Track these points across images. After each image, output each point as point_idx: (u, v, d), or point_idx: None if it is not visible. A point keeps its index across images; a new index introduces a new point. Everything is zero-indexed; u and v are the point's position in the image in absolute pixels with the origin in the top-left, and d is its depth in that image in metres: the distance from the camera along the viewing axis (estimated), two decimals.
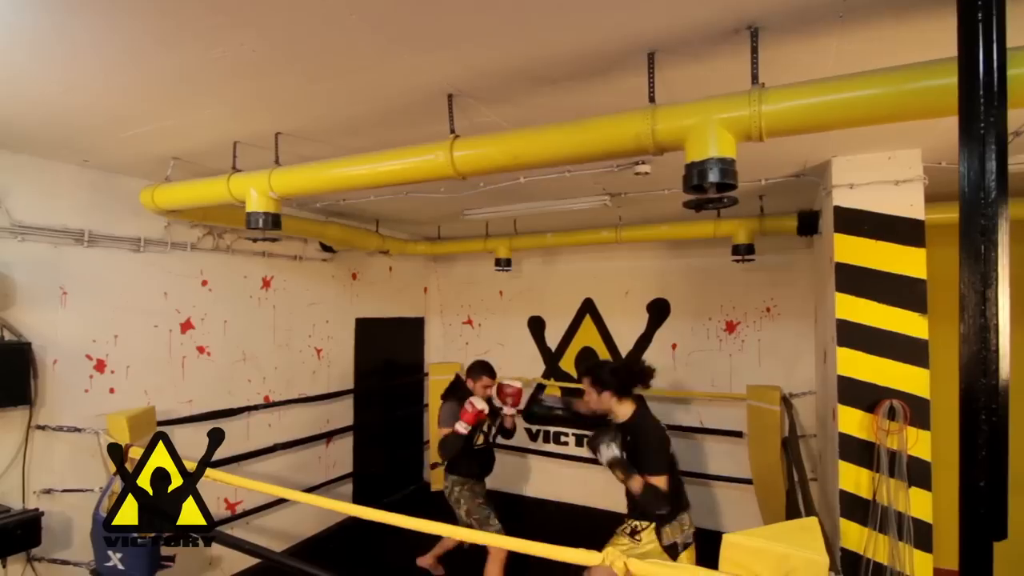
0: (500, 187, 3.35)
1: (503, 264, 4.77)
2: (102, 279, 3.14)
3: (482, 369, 3.57)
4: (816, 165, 3.03)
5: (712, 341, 4.69)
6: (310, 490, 4.32)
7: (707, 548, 1.49)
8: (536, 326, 5.48)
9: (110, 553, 2.68)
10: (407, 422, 5.63)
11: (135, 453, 2.73)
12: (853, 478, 2.78)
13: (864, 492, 2.77)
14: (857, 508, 2.75)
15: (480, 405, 3.26)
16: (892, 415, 2.69)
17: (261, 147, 2.61)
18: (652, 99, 1.72)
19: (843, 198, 2.84)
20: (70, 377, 2.99)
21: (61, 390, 2.94)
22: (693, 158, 1.59)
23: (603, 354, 5.12)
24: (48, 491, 2.88)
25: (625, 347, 5.04)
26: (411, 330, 5.75)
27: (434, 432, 5.45)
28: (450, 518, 3.42)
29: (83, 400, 3.03)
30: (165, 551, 2.80)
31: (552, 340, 5.38)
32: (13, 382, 2.65)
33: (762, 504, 3.98)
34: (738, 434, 4.38)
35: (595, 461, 2.93)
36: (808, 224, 3.55)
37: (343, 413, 4.79)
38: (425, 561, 3.88)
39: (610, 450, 2.73)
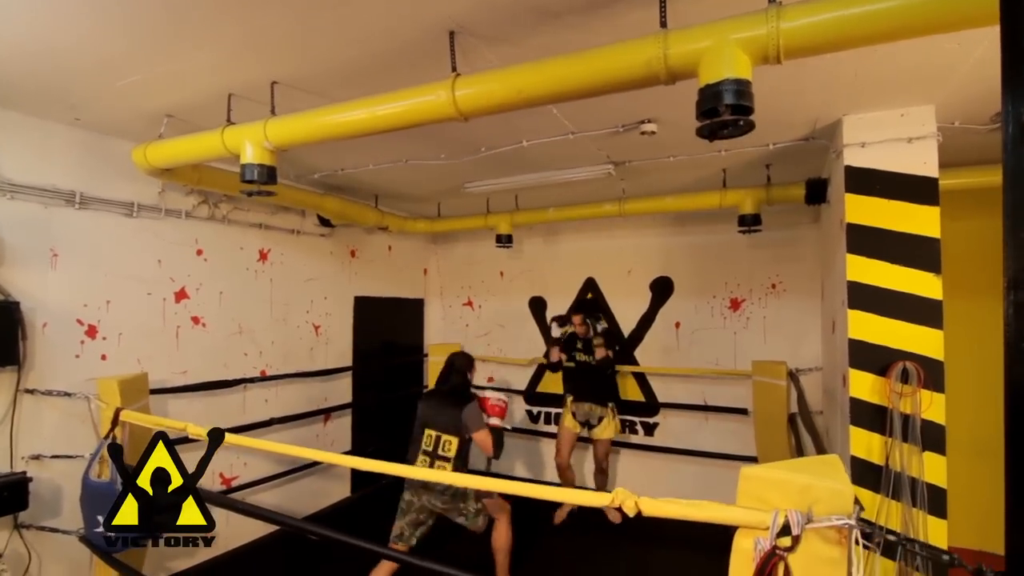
0: (502, 151, 3.28)
1: (504, 241, 4.69)
2: (94, 242, 3.06)
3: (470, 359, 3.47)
4: (826, 126, 2.95)
5: (716, 319, 4.62)
6: (308, 467, 4.25)
7: (708, 533, 1.41)
8: (537, 307, 5.40)
9: (99, 519, 2.61)
10: (407, 403, 5.54)
11: (127, 417, 2.66)
12: (865, 444, 2.70)
13: (876, 458, 2.69)
14: (869, 474, 2.68)
15: (497, 396, 3.26)
16: (905, 378, 2.61)
17: (257, 101, 2.52)
18: (664, 24, 1.64)
19: (854, 157, 2.77)
20: (60, 341, 2.91)
21: (51, 354, 2.86)
22: (707, 80, 1.51)
23: None
24: (37, 457, 2.80)
25: (628, 326, 4.96)
26: (411, 311, 5.67)
27: None
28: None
29: (74, 365, 2.95)
30: None
31: None
32: (1, 342, 2.58)
33: None
34: (743, 411, 4.30)
35: None
36: (816, 192, 3.47)
37: (342, 391, 4.71)
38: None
39: (602, 323, 3.94)
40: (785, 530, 1.28)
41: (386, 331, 5.29)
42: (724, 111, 1.50)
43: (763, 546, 1.29)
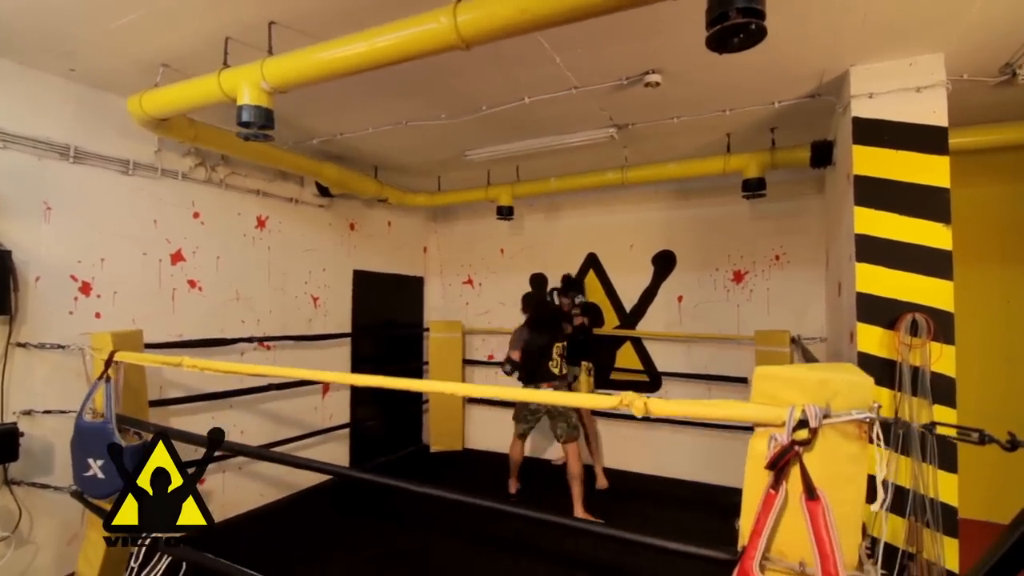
0: (503, 110, 3.24)
1: (505, 213, 4.65)
2: (88, 198, 3.01)
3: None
4: (833, 79, 2.91)
5: (719, 292, 4.57)
6: (306, 436, 4.20)
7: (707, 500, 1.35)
8: (538, 283, 5.35)
9: (90, 462, 2.55)
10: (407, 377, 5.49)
11: (122, 357, 2.60)
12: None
13: (885, 413, 2.64)
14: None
15: None
16: (915, 330, 2.56)
17: (254, 47, 2.47)
18: None
19: (862, 108, 2.73)
20: (53, 297, 2.86)
21: (44, 309, 2.81)
22: None
23: (607, 309, 5.00)
24: (28, 412, 2.74)
25: (629, 301, 4.91)
26: (410, 288, 5.62)
27: (433, 393, 5.34)
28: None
29: (67, 322, 2.89)
30: None
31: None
32: None
33: None
34: (744, 380, 4.26)
35: None
36: (822, 154, 3.44)
37: (341, 362, 4.66)
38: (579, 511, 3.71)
39: (580, 297, 4.61)
40: (801, 426, 1.24)
41: (385, 307, 5.23)
42: (734, 15, 1.45)
43: (779, 441, 1.25)
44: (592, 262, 5.10)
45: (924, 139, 2.62)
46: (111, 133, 3.10)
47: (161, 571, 2.25)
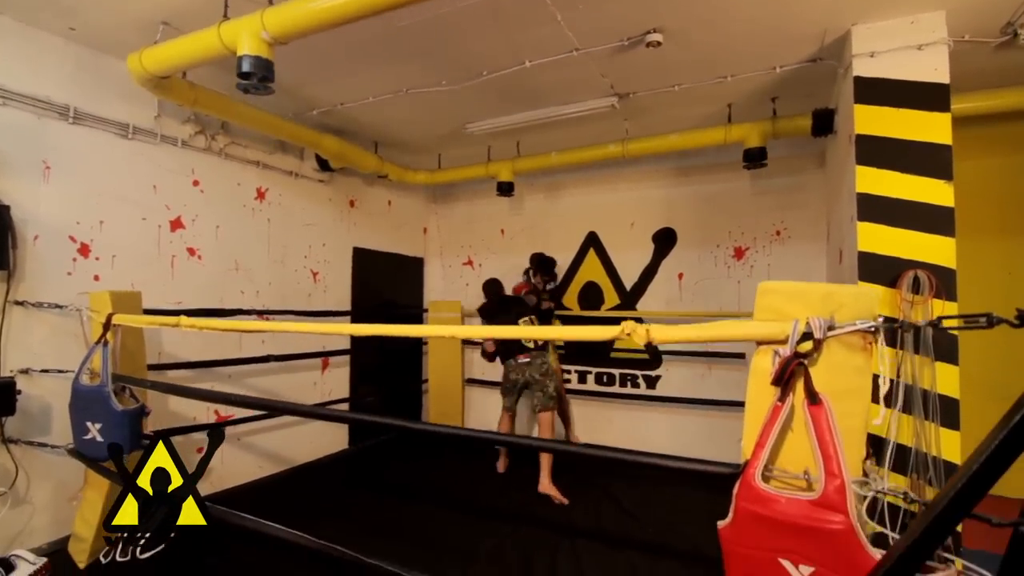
0: (503, 75, 3.23)
1: (505, 190, 4.64)
2: (87, 159, 3.00)
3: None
4: (834, 41, 2.90)
5: (720, 268, 4.56)
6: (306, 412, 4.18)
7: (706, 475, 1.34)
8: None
9: (88, 425, 2.54)
10: (406, 360, 5.49)
11: (119, 320, 2.59)
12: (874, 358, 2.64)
13: (886, 372, 2.62)
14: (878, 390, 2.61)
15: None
16: (916, 287, 2.55)
17: (254, 0, 2.47)
18: None
19: (864, 67, 2.72)
20: (52, 257, 2.84)
21: (42, 269, 2.80)
22: None
23: (607, 287, 4.99)
24: (26, 371, 2.73)
25: (630, 279, 4.90)
26: (410, 268, 5.61)
27: (433, 371, 5.33)
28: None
29: (65, 283, 2.88)
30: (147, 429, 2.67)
31: None
32: None
33: None
34: (742, 356, 4.24)
35: None
36: (823, 122, 3.43)
37: (340, 339, 4.64)
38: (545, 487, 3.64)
39: (551, 284, 4.86)
40: (806, 339, 1.23)
41: (385, 285, 5.22)
42: None
43: (783, 356, 1.23)
44: (592, 241, 5.09)
45: (926, 96, 2.61)
46: (110, 96, 3.09)
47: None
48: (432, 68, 3.24)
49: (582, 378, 5.04)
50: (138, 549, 2.14)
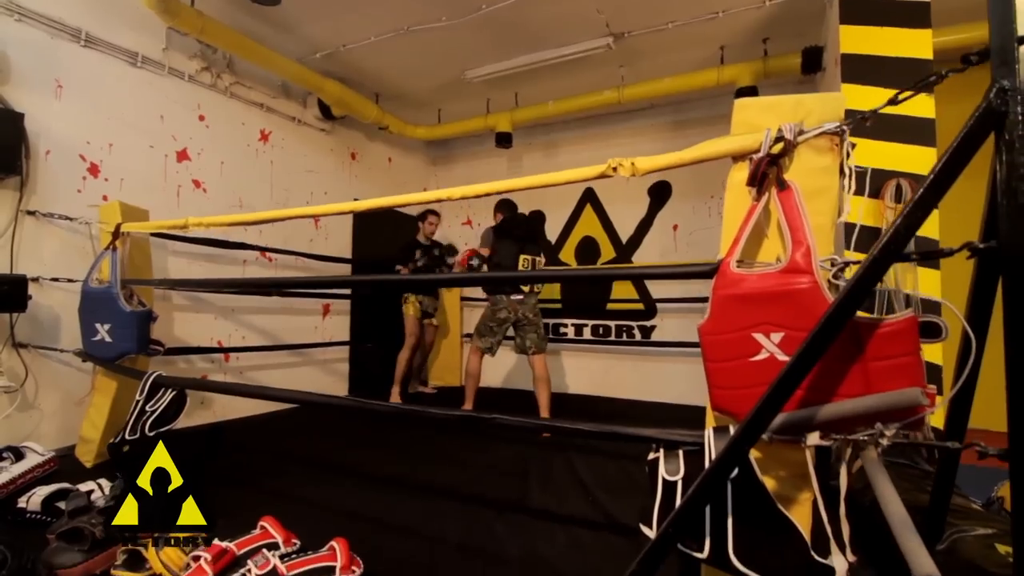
0: (500, 7, 3.32)
1: (504, 141, 4.73)
2: (98, 82, 3.09)
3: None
4: None
5: (714, 219, 4.65)
6: (307, 347, 4.27)
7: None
8: (536, 220, 5.42)
9: (97, 326, 2.62)
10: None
11: (128, 227, 2.68)
12: None
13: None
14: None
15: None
16: (899, 196, 2.65)
17: None
18: None
19: None
20: (63, 172, 2.93)
21: (53, 183, 2.89)
22: None
23: (603, 242, 5.08)
24: (36, 279, 2.81)
25: (625, 233, 4.99)
26: (410, 227, 5.67)
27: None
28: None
29: (75, 199, 2.97)
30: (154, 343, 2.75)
31: (552, 233, 5.33)
32: (4, 150, 2.59)
33: None
34: None
35: None
36: (813, 60, 3.52)
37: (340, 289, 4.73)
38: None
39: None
40: (778, 143, 1.32)
41: (386, 240, 5.29)
42: None
43: (756, 158, 1.32)
44: (589, 196, 5.18)
45: (907, 14, 2.71)
46: (120, 24, 3.18)
47: (165, 403, 2.33)
48: (432, 2, 3.34)
49: (579, 331, 5.12)
50: (146, 426, 2.22)
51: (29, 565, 1.48)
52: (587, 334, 5.08)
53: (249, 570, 1.49)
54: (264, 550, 1.56)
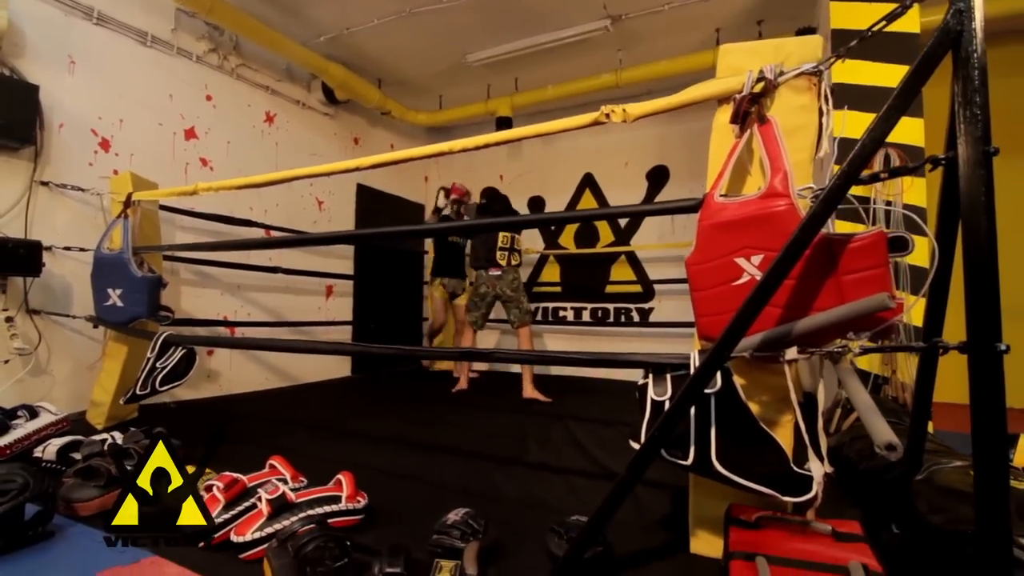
0: None
1: (504, 126, 4.81)
2: (110, 60, 3.18)
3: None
4: None
5: None
6: (310, 324, 4.34)
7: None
8: (536, 206, 5.51)
9: (109, 291, 2.70)
10: (407, 299, 5.64)
11: (139, 196, 2.77)
12: None
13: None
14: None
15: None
16: (887, 164, 2.73)
17: None
18: None
19: None
20: (75, 145, 3.02)
21: (66, 155, 2.97)
22: None
23: (602, 225, 5.16)
24: (49, 248, 2.89)
25: (624, 217, 5.07)
26: (411, 213, 5.78)
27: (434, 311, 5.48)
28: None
29: (87, 172, 3.06)
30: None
31: None
32: (20, 120, 2.68)
33: None
34: None
35: None
36: None
37: (344, 267, 4.81)
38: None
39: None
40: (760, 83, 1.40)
41: (387, 225, 5.37)
42: None
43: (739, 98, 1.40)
44: (588, 182, 5.27)
45: None
46: (131, 3, 3.28)
47: (175, 361, 2.41)
48: None
49: (578, 314, 5.20)
50: (157, 381, 2.29)
51: (50, 490, 1.56)
52: (586, 317, 5.16)
53: (260, 497, 1.56)
54: (274, 479, 1.64)
